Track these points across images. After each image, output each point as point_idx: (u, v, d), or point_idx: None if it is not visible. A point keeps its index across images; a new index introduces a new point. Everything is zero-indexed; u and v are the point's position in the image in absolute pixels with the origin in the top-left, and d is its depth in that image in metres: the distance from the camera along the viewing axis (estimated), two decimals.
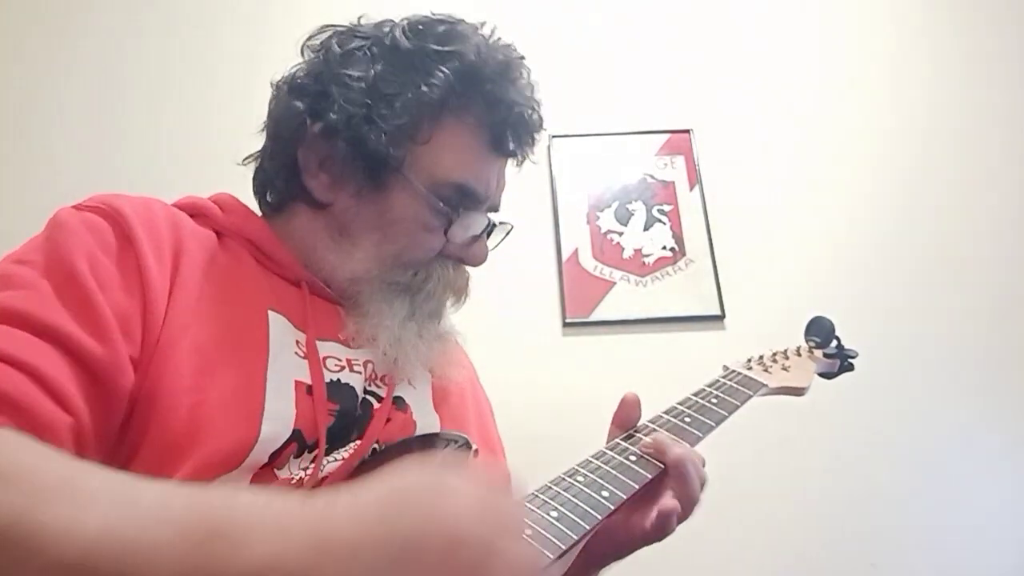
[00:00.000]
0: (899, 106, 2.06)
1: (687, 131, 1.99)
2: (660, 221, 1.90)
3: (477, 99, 0.80)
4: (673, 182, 1.94)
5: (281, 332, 0.73)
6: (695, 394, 0.85)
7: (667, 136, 1.99)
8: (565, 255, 1.84)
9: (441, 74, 0.77)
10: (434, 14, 0.83)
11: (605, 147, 1.96)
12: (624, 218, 1.90)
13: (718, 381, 0.89)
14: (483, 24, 0.83)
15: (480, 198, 0.82)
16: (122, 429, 0.62)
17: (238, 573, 0.39)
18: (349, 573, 0.40)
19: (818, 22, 2.16)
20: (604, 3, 2.14)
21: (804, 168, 1.98)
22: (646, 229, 1.89)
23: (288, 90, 0.82)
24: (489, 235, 0.87)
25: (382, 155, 0.76)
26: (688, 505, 0.71)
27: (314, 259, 0.81)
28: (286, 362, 0.71)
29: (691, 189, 1.93)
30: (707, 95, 2.04)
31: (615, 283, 1.83)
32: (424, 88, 0.77)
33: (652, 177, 1.95)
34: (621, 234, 1.88)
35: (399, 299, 0.79)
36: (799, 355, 1.01)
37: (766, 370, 0.94)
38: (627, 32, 2.11)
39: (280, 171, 0.83)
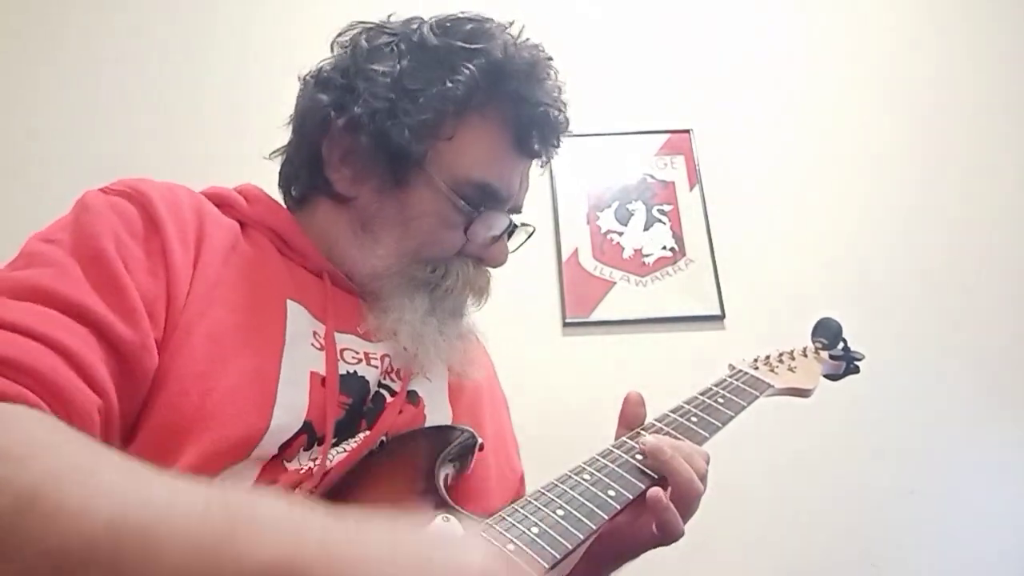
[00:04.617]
0: (902, 106, 2.06)
1: (687, 131, 1.99)
2: (660, 221, 1.90)
3: (502, 97, 0.79)
4: (673, 182, 1.94)
5: (299, 322, 0.73)
6: (702, 393, 0.84)
7: (667, 136, 1.99)
8: (565, 255, 1.84)
9: (467, 71, 0.76)
10: (463, 13, 0.82)
11: (605, 147, 1.96)
12: (624, 218, 1.90)
13: (725, 381, 0.88)
14: (511, 24, 0.82)
15: (502, 198, 0.81)
16: None
17: (246, 569, 0.40)
18: None
19: (818, 22, 2.16)
20: (604, 3, 2.14)
21: (804, 168, 1.98)
22: (646, 229, 1.89)
23: (314, 84, 0.82)
24: (510, 236, 0.86)
25: (404, 150, 0.76)
26: (684, 511, 0.68)
27: (336, 252, 0.81)
28: (302, 353, 0.71)
29: (691, 189, 1.93)
30: (707, 95, 2.04)
31: (615, 283, 1.83)
32: (449, 84, 0.76)
33: (652, 177, 1.95)
34: (621, 234, 1.88)
35: (419, 294, 0.79)
36: (805, 356, 1.00)
37: (772, 370, 0.93)
38: (627, 32, 2.11)
39: (304, 164, 0.83)
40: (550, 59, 0.84)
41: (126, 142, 1.89)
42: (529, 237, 0.90)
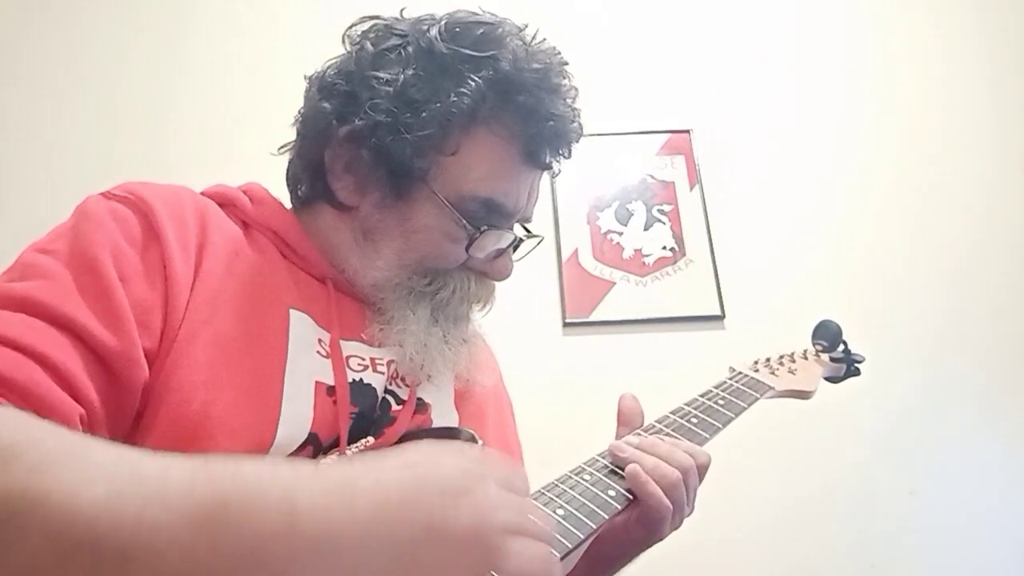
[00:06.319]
0: (904, 105, 2.06)
1: (687, 131, 1.99)
2: (660, 221, 1.90)
3: (510, 110, 0.76)
4: (673, 182, 1.94)
5: (303, 331, 0.72)
6: (702, 395, 0.85)
7: (667, 136, 1.99)
8: (565, 255, 1.84)
9: (473, 83, 0.73)
10: (475, 14, 0.78)
11: (605, 147, 1.96)
12: (624, 218, 1.90)
13: (725, 383, 0.88)
14: (526, 26, 0.79)
15: (508, 212, 0.79)
16: (133, 419, 0.61)
17: (245, 544, 0.40)
18: (363, 550, 0.42)
19: (818, 21, 2.16)
20: (605, 3, 2.14)
21: (804, 168, 1.98)
22: (646, 229, 1.89)
23: (318, 88, 0.80)
24: (515, 248, 0.84)
25: (406, 166, 0.74)
26: (667, 513, 0.67)
27: (338, 259, 0.79)
28: (307, 362, 0.70)
29: (691, 189, 1.94)
30: (707, 95, 2.04)
31: (615, 283, 1.83)
32: (454, 97, 0.73)
33: (652, 177, 1.95)
34: (621, 234, 1.88)
35: (421, 304, 0.78)
36: (805, 358, 1.00)
37: (773, 373, 0.93)
38: (627, 32, 2.11)
39: (307, 169, 0.81)
40: (565, 64, 0.80)
41: (124, 143, 1.89)
42: (537, 245, 0.88)
